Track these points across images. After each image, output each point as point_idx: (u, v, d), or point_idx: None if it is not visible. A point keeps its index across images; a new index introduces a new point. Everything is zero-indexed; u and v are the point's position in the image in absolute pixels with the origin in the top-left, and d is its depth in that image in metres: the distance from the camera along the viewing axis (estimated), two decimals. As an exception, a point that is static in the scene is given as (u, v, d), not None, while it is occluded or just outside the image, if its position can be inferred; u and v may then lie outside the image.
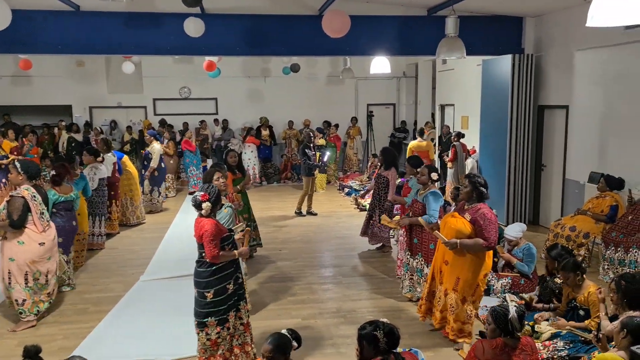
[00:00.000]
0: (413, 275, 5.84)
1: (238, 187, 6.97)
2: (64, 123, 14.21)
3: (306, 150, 10.23)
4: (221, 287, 4.18)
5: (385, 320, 3.18)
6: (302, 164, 10.44)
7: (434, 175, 5.62)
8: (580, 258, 5.89)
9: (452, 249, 4.57)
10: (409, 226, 5.80)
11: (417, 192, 5.81)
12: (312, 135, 11.19)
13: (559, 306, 4.87)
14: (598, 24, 3.22)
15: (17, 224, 5.18)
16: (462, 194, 4.77)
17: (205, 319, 4.18)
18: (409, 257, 5.85)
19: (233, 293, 4.28)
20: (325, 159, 12.54)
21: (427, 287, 5.07)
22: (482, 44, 9.00)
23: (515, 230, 6.07)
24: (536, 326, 4.58)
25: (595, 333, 3.78)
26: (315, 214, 10.31)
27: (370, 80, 15.69)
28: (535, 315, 4.82)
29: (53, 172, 6.31)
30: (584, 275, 4.61)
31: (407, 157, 8.97)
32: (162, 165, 10.57)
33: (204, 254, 4.17)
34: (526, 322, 4.55)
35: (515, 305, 3.45)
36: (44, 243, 5.36)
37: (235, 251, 4.25)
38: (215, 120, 14.95)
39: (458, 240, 4.53)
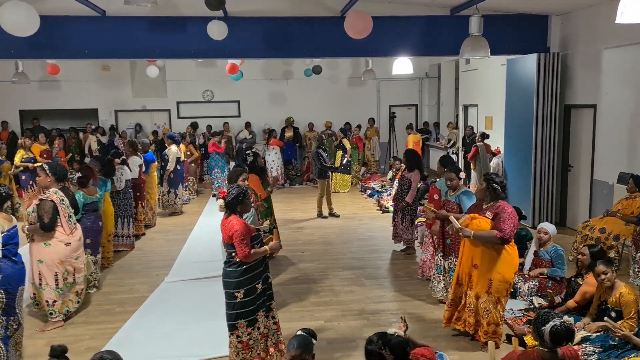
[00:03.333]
0: (445, 276, 5.78)
1: (269, 189, 7.02)
2: (92, 126, 14.49)
3: (320, 152, 10.20)
4: (251, 287, 4.18)
5: (395, 331, 3.13)
6: (313, 166, 10.42)
7: (462, 174, 5.69)
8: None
9: (464, 237, 4.58)
10: (442, 227, 5.75)
11: (447, 193, 5.80)
12: (324, 137, 11.24)
13: (573, 305, 4.78)
14: (628, 20, 3.15)
15: (48, 227, 5.27)
16: (477, 192, 4.74)
17: (235, 322, 4.18)
18: (441, 257, 5.80)
19: (262, 292, 4.28)
20: (345, 161, 12.54)
21: (452, 294, 5.00)
22: (506, 43, 8.88)
23: (553, 227, 5.95)
24: None
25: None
26: (338, 216, 10.29)
27: (392, 81, 15.62)
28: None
29: (79, 174, 6.43)
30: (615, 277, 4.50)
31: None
32: (179, 167, 10.67)
33: (234, 254, 4.15)
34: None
35: (558, 322, 3.02)
36: (70, 243, 5.45)
37: (265, 246, 4.23)
38: (247, 124, 14.99)
39: (472, 232, 4.50)
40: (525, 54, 8.97)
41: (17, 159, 9.82)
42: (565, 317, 3.12)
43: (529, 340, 4.46)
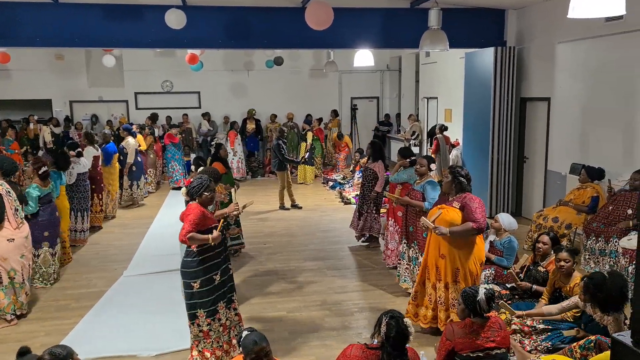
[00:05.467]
0: (409, 265, 5.87)
1: (227, 185, 6.89)
2: (36, 118, 13.97)
3: (280, 143, 10.16)
4: (208, 278, 4.18)
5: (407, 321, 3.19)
6: (273, 158, 10.39)
7: (433, 166, 5.81)
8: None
9: (440, 235, 4.57)
10: (405, 215, 5.84)
11: (414, 182, 5.90)
12: (285, 130, 11.22)
13: (541, 290, 4.92)
14: (579, 15, 3.25)
15: None
16: (443, 185, 4.81)
17: (195, 311, 4.18)
18: (405, 245, 5.89)
19: (221, 284, 4.28)
20: (307, 154, 12.56)
21: (415, 290, 5.01)
22: (465, 36, 9.03)
23: (510, 220, 6.06)
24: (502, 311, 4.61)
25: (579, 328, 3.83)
26: (300, 207, 10.29)
27: (353, 73, 15.68)
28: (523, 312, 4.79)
29: (45, 168, 6.16)
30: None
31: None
32: (139, 159, 10.45)
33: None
34: (505, 311, 4.59)
35: (485, 288, 3.60)
36: (13, 239, 5.20)
37: (208, 235, 4.11)
38: (204, 115, 14.80)
39: (448, 229, 4.55)
40: (483, 48, 9.16)
41: None
42: (493, 286, 3.64)
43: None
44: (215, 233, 4.17)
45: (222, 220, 4.45)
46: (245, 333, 3.13)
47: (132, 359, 4.64)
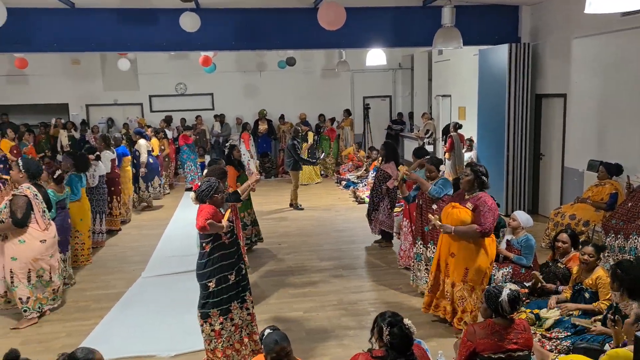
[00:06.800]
0: (428, 265, 5.81)
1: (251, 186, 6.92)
2: (63, 121, 14.17)
3: (295, 143, 10.18)
4: (223, 277, 4.22)
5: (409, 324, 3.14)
6: (287, 158, 10.40)
7: (442, 167, 5.83)
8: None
9: (445, 233, 4.66)
10: (420, 214, 5.84)
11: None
12: (299, 130, 11.23)
13: (565, 288, 4.88)
14: (596, 10, 3.22)
15: (22, 222, 5.16)
16: (463, 182, 4.76)
17: (208, 310, 4.22)
18: (421, 246, 5.86)
19: (235, 284, 4.31)
20: (322, 155, 12.59)
21: (432, 280, 5.07)
22: (478, 33, 8.98)
23: (526, 218, 6.01)
24: (540, 313, 4.57)
25: (610, 316, 3.76)
26: (302, 209, 10.28)
27: (366, 72, 15.65)
28: (549, 302, 4.77)
29: (59, 172, 6.28)
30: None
31: None
32: (151, 161, 10.53)
33: (204, 244, 4.19)
34: (524, 309, 4.57)
35: (510, 289, 3.50)
36: (45, 240, 5.37)
37: (223, 222, 4.16)
38: (215, 116, 14.91)
39: (453, 227, 4.57)
40: (497, 45, 9.09)
41: None
42: (512, 285, 3.54)
43: None
44: (224, 221, 4.21)
45: (228, 210, 4.49)
46: (267, 331, 3.15)
47: (150, 359, 4.70)
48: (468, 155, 10.60)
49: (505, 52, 8.83)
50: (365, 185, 11.56)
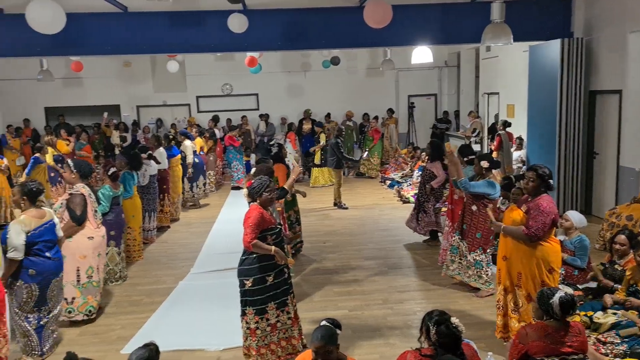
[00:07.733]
0: (462, 260, 5.86)
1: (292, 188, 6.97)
2: (115, 121, 14.68)
3: (339, 142, 10.19)
4: (261, 278, 4.25)
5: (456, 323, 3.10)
6: (330, 156, 10.42)
7: (484, 164, 5.65)
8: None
9: (494, 229, 4.62)
10: (462, 212, 5.80)
11: (475, 179, 5.79)
12: (343, 129, 11.24)
13: (620, 288, 4.70)
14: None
15: (81, 219, 5.27)
16: (528, 188, 4.43)
17: (244, 307, 4.30)
18: (459, 240, 5.86)
19: (273, 285, 4.31)
20: (365, 155, 12.55)
21: (498, 296, 4.73)
22: (529, 29, 8.75)
23: (580, 218, 5.81)
24: (594, 317, 4.41)
25: None
26: (346, 208, 10.28)
27: (410, 70, 15.51)
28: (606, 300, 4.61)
29: (113, 169, 6.53)
30: None
31: None
32: (197, 160, 10.73)
33: None
34: (578, 312, 4.41)
35: (565, 293, 3.43)
36: (92, 237, 5.38)
37: (272, 247, 4.22)
38: (260, 116, 15.11)
39: (503, 225, 4.47)
40: (549, 40, 8.82)
41: (48, 159, 9.98)
42: (567, 289, 3.44)
43: None
44: (273, 248, 4.23)
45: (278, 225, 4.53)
46: (322, 323, 3.18)
47: (200, 352, 4.81)
48: (517, 154, 10.35)
49: (557, 48, 8.56)
50: (410, 184, 11.46)
